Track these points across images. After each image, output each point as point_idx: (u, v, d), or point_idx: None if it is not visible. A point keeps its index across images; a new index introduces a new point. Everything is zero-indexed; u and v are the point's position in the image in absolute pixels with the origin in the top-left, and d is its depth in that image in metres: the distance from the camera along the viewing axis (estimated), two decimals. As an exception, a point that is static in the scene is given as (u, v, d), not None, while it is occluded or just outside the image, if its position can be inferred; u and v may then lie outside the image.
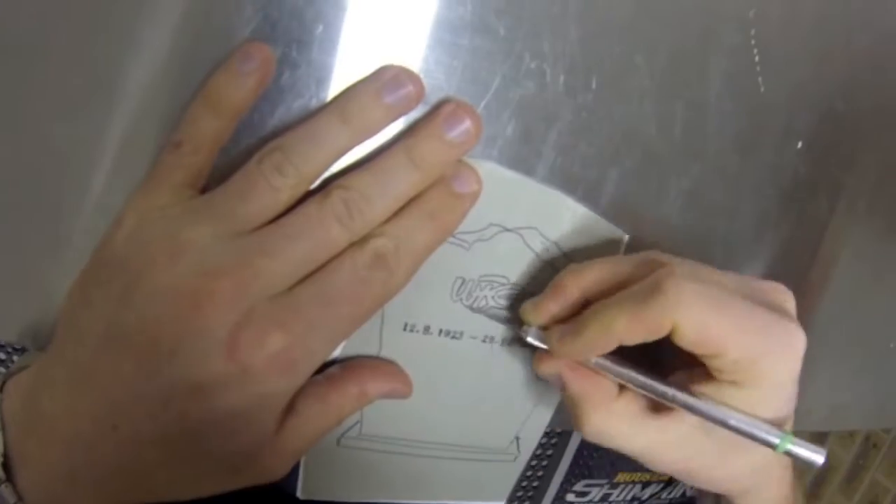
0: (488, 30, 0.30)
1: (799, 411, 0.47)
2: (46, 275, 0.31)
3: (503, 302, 0.34)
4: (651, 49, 0.33)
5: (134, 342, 0.26)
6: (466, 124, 0.28)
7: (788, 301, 0.32)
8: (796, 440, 0.30)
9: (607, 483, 1.00)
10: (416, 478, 0.37)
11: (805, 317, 0.44)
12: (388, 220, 0.28)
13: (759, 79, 0.36)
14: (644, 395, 0.31)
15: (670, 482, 1.08)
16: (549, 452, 0.60)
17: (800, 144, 0.38)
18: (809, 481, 1.34)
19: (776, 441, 0.30)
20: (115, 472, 0.28)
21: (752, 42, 0.35)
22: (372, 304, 0.28)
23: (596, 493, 0.97)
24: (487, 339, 0.34)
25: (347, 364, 0.32)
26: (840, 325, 0.46)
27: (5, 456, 0.28)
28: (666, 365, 0.32)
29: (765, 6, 0.34)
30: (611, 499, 0.98)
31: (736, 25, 0.35)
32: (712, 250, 0.38)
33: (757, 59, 0.36)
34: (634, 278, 0.30)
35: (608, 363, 0.31)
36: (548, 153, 0.32)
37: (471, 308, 0.33)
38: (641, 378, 0.31)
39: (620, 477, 0.97)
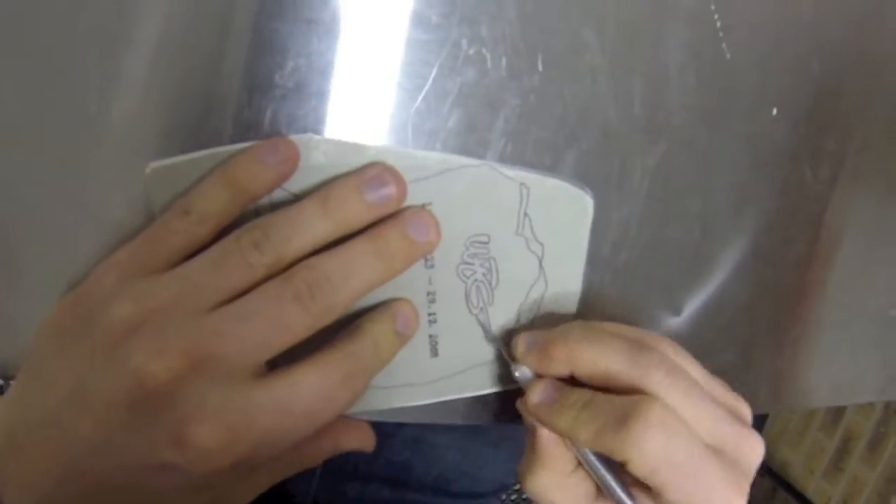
0: (420, 19, 0.28)
1: (799, 390, 0.45)
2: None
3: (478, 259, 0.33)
4: (600, 22, 0.31)
5: (93, 406, 0.27)
6: (432, 235, 0.30)
7: (752, 453, 0.31)
8: None
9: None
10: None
11: (799, 292, 0.43)
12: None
13: (723, 45, 0.34)
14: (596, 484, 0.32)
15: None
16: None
17: (774, 111, 0.37)
18: (831, 455, 1.32)
19: None
20: (87, 500, 0.29)
21: (713, 7, 0.33)
22: (328, 419, 0.28)
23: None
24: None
25: None
26: (836, 298, 0.44)
27: None
28: None
29: (723, -33, 0.33)
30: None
31: (692, -10, 0.33)
32: (690, 228, 0.36)
33: (719, 24, 0.34)
34: (622, 381, 0.30)
35: (589, 455, 0.31)
36: (496, 141, 0.31)
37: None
38: (608, 481, 0.30)
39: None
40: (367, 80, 0.28)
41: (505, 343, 0.33)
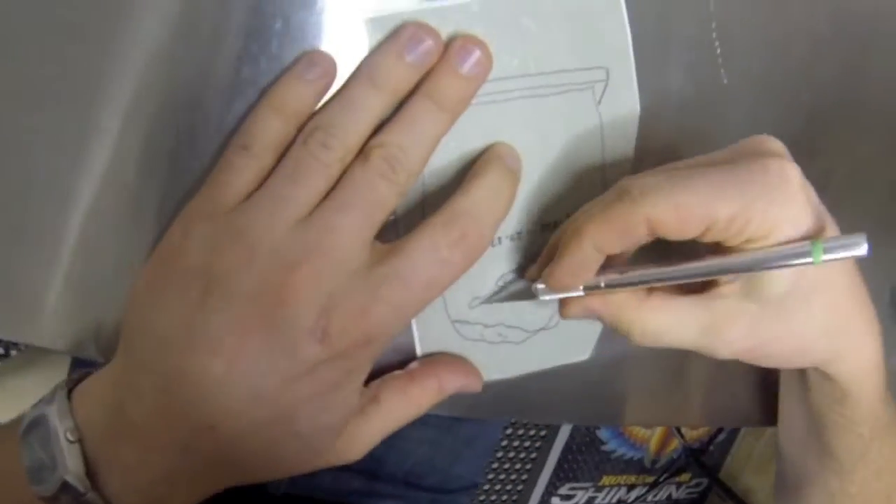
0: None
1: (769, 409, 0.47)
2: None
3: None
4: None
5: (223, 343, 0.27)
6: (477, 54, 0.29)
7: (767, 143, 0.30)
8: (827, 241, 0.27)
9: (592, 486, 0.99)
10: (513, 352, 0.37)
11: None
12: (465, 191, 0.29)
13: (722, 70, 0.36)
14: (670, 286, 0.31)
15: (655, 485, 1.08)
16: (533, 455, 0.59)
17: (765, 137, 0.38)
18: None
19: (809, 255, 0.27)
20: (211, 466, 0.29)
21: (714, 35, 0.35)
22: (448, 283, 0.29)
23: (581, 497, 0.96)
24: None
25: (426, 360, 0.34)
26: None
27: (88, 465, 0.28)
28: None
29: (726, -3, 0.34)
30: (596, 502, 0.97)
31: (696, 18, 0.35)
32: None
33: (719, 51, 0.36)
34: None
35: (617, 277, 0.30)
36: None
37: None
38: (654, 271, 0.29)
39: (606, 480, 0.97)
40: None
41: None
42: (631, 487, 1.01)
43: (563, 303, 0.32)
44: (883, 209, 0.45)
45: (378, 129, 0.29)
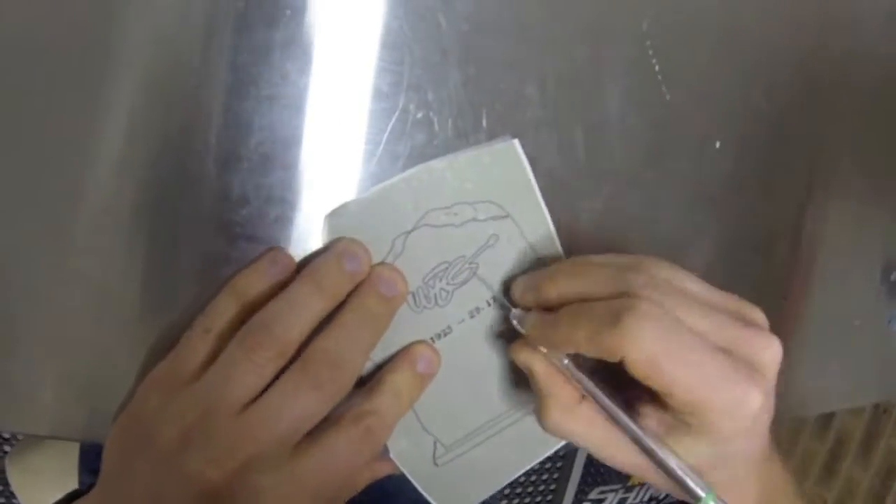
0: (370, 89, 0.30)
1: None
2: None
3: (461, 277, 0.34)
4: (540, 78, 0.33)
5: None
6: (394, 278, 0.32)
7: (765, 351, 0.30)
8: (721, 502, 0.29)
9: (622, 487, 0.99)
10: (523, 441, 0.38)
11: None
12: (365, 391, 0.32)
13: (663, 88, 0.36)
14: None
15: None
16: (559, 464, 0.60)
17: (718, 144, 0.38)
18: (824, 457, 1.32)
19: (701, 495, 0.29)
20: None
21: (650, 53, 0.35)
22: (361, 462, 0.32)
23: (612, 499, 0.96)
24: (474, 312, 0.35)
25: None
26: (802, 312, 0.46)
27: None
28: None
29: (659, 15, 0.35)
30: (628, 502, 0.97)
31: (630, 40, 0.35)
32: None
33: (657, 68, 0.36)
34: (609, 294, 0.30)
35: (574, 369, 0.31)
36: (447, 197, 0.32)
37: (437, 304, 0.34)
38: (599, 395, 0.31)
39: (635, 480, 0.96)
40: (323, 148, 0.31)
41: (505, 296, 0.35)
42: (662, 483, 0.99)
43: (517, 344, 0.33)
44: (857, 197, 0.45)
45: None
